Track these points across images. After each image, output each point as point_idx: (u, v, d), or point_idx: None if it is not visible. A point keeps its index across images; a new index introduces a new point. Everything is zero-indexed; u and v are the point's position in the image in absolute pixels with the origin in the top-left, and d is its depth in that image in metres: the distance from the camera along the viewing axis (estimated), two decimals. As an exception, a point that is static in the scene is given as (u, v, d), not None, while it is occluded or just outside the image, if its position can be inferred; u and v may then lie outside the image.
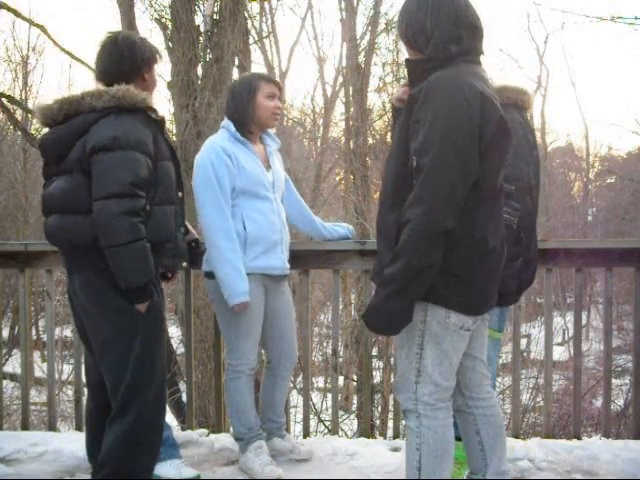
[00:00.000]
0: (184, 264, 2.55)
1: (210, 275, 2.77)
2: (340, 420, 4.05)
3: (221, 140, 2.75)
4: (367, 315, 2.01)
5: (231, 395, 2.87)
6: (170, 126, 8.68)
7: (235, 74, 8.16)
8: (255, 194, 2.74)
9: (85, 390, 3.22)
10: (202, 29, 7.33)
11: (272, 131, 2.97)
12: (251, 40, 10.33)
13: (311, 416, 3.86)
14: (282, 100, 2.89)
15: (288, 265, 2.90)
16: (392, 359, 7.75)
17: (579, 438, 3.23)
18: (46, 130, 2.39)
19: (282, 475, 2.79)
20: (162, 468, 2.66)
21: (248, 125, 2.79)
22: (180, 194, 2.49)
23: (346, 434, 8.63)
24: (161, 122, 2.40)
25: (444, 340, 2.03)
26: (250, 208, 2.73)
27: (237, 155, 2.72)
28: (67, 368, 11.69)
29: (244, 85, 2.80)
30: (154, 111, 2.37)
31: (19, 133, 12.86)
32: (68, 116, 2.29)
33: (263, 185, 2.77)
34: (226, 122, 2.80)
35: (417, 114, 1.96)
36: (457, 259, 1.98)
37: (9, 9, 9.29)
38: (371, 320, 2.01)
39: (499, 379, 9.06)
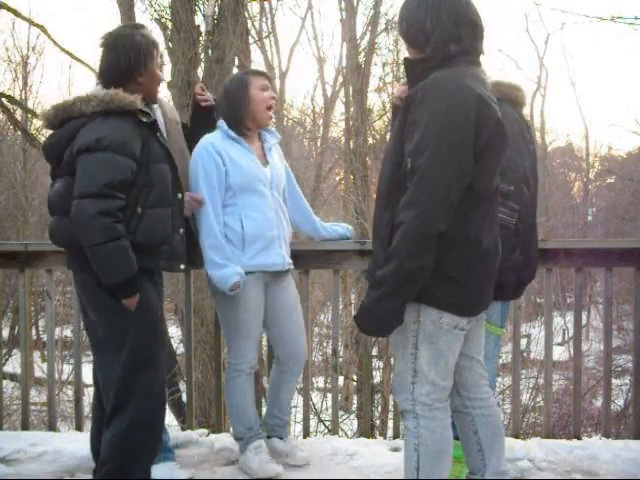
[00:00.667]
0: (182, 266, 2.55)
1: None
2: (340, 420, 4.06)
3: (213, 138, 2.76)
4: (359, 316, 2.02)
5: (231, 394, 2.87)
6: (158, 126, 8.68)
7: (235, 74, 8.16)
8: (252, 190, 2.74)
9: (85, 390, 3.22)
10: (202, 29, 7.34)
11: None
12: (251, 40, 10.33)
13: (311, 416, 3.86)
14: (274, 91, 2.92)
15: (290, 260, 2.89)
16: (392, 359, 7.75)
17: (579, 438, 3.23)
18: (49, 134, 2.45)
19: (281, 474, 2.79)
20: (156, 471, 2.67)
21: (244, 121, 2.79)
22: (180, 195, 2.50)
23: (346, 434, 8.63)
24: (152, 125, 2.40)
25: (439, 340, 2.03)
26: (248, 206, 2.73)
27: (230, 152, 2.73)
28: (67, 368, 11.69)
29: (236, 82, 2.82)
30: (144, 114, 2.36)
31: (19, 133, 12.86)
32: (63, 121, 2.33)
33: (260, 181, 2.77)
34: (220, 122, 2.80)
35: (413, 115, 1.96)
36: (452, 260, 1.98)
37: (9, 9, 9.29)
38: (363, 321, 2.02)
39: (499, 379, 9.06)
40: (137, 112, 2.33)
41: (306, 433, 3.40)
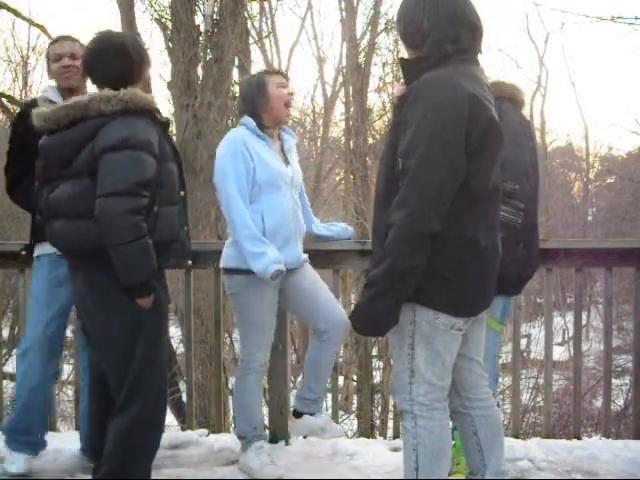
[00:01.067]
0: (189, 262, 2.57)
1: (228, 271, 2.81)
2: (340, 420, 4.05)
3: (241, 134, 2.78)
4: (353, 316, 2.02)
5: (240, 391, 2.87)
6: (170, 126, 8.67)
7: (235, 74, 8.17)
8: (276, 187, 2.77)
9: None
10: (202, 29, 7.34)
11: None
12: (251, 40, 10.34)
13: (311, 416, 3.85)
14: (292, 88, 2.93)
15: (304, 256, 2.93)
16: (391, 359, 7.75)
17: (579, 438, 3.23)
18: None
19: (283, 475, 2.79)
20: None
21: (263, 119, 2.81)
22: (182, 193, 2.49)
23: (346, 434, 8.62)
24: (166, 124, 2.41)
25: (435, 340, 2.03)
26: (270, 202, 2.76)
27: (256, 148, 2.75)
28: (67, 368, 11.68)
29: (253, 82, 2.84)
30: (159, 112, 2.38)
31: (19, 133, 12.85)
32: (74, 121, 2.27)
33: (283, 179, 2.81)
34: (245, 119, 2.82)
35: (405, 115, 1.95)
36: (444, 260, 1.97)
37: (9, 9, 9.30)
38: (357, 321, 2.02)
39: (499, 379, 9.05)
40: (154, 111, 2.34)
41: (306, 433, 3.40)
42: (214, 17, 7.32)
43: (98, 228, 2.20)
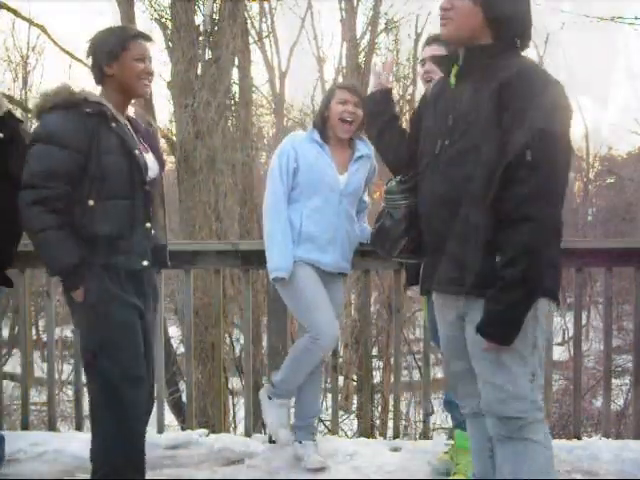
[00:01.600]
0: (144, 263, 2.36)
1: None
2: (340, 420, 4.05)
3: (297, 135, 2.96)
4: (492, 328, 1.85)
5: (296, 356, 2.86)
6: (170, 125, 8.66)
7: (235, 74, 8.17)
8: (319, 192, 2.83)
9: (85, 390, 3.21)
10: (202, 29, 7.35)
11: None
12: (251, 40, 10.34)
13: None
14: (357, 105, 2.83)
15: (344, 265, 2.92)
16: (392, 359, 7.74)
17: (579, 438, 3.23)
18: None
19: (290, 442, 2.87)
20: None
21: (326, 129, 2.91)
22: (147, 188, 2.36)
23: (346, 434, 8.62)
24: (101, 115, 2.29)
25: (543, 334, 1.98)
26: (311, 207, 2.83)
27: (305, 152, 2.85)
28: (67, 368, 11.69)
29: (326, 92, 3.05)
30: (90, 104, 2.28)
31: (19, 133, 12.84)
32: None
33: (329, 186, 2.84)
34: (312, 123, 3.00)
35: (516, 103, 1.85)
36: (555, 249, 1.94)
37: (9, 9, 9.29)
38: (498, 329, 1.85)
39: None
40: (81, 103, 2.28)
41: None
42: (213, 17, 7.33)
43: None
